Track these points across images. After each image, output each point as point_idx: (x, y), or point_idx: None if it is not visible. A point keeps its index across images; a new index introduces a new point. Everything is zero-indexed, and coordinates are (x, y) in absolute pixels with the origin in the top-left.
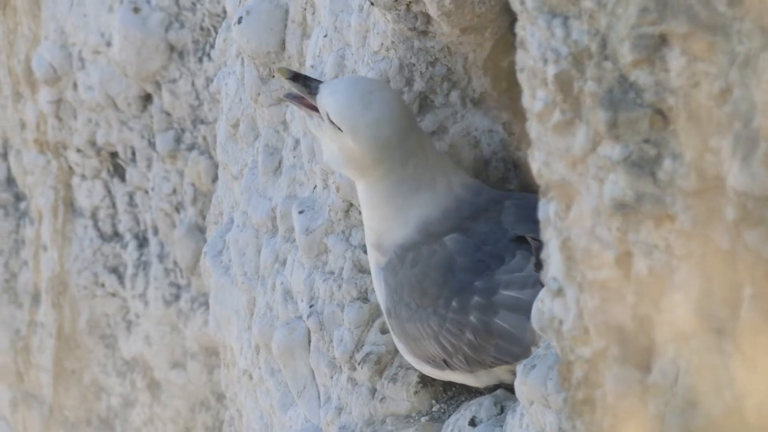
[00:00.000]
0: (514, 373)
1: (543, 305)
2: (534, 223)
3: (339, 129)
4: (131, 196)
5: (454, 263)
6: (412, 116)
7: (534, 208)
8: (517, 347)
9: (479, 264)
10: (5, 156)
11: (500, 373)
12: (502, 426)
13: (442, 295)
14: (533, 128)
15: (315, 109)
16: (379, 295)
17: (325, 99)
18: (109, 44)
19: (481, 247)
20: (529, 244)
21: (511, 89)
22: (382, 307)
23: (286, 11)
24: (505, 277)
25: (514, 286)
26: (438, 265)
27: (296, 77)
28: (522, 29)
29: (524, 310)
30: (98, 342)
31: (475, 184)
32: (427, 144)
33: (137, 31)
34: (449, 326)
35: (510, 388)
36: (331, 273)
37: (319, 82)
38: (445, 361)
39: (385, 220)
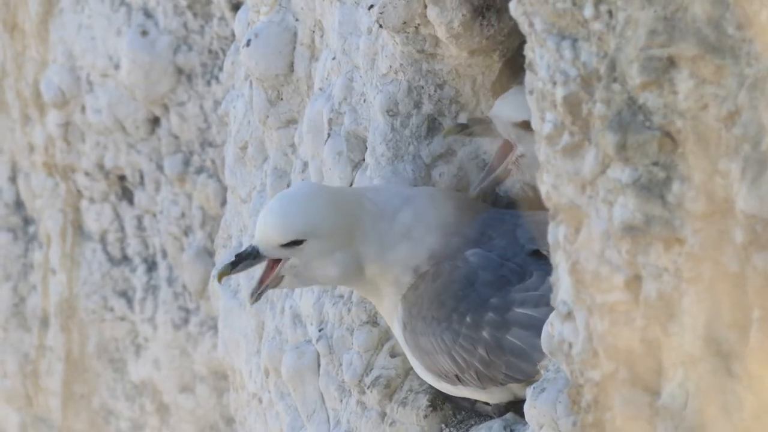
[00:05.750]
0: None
1: (553, 328)
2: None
3: (300, 242)
4: (140, 219)
5: (476, 278)
6: (328, 187)
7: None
8: (528, 364)
9: (501, 279)
10: (14, 179)
11: (514, 388)
12: None
13: (459, 309)
14: (542, 151)
15: (275, 265)
16: (394, 318)
17: (265, 241)
18: (117, 67)
19: (504, 263)
20: (545, 262)
21: None
22: (398, 327)
23: (295, 34)
24: (520, 295)
25: (529, 304)
26: (460, 279)
27: (235, 263)
28: (531, 51)
29: (537, 328)
30: (107, 366)
31: (466, 195)
32: (372, 188)
33: (145, 54)
34: (462, 342)
35: (522, 407)
36: (341, 297)
37: (249, 244)
38: (457, 376)
39: (398, 255)
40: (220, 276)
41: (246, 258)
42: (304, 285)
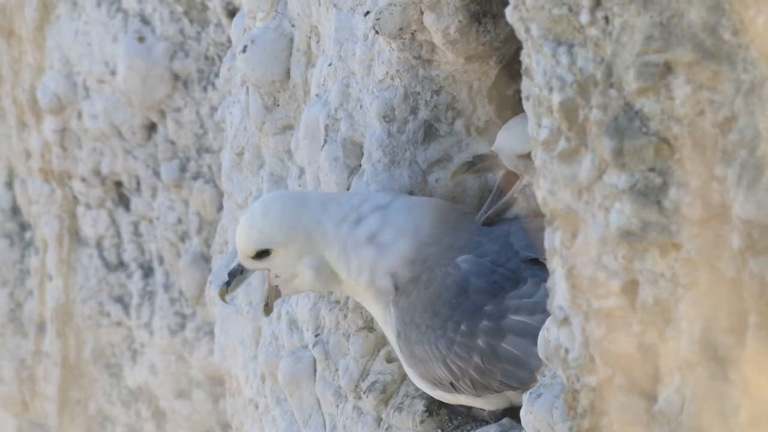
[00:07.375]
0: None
1: (549, 334)
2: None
3: (267, 252)
4: (136, 225)
5: (469, 285)
6: (291, 194)
7: (542, 231)
8: (523, 371)
9: (494, 285)
10: (10, 185)
11: (510, 394)
12: None
13: (453, 317)
14: (538, 156)
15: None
16: (388, 324)
17: (241, 256)
18: (113, 73)
19: (496, 269)
20: (539, 268)
21: None
22: (392, 334)
23: (291, 40)
24: (514, 303)
25: (524, 312)
26: (452, 286)
27: (228, 282)
28: (527, 57)
29: (533, 335)
30: (103, 371)
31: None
32: (346, 193)
33: (142, 60)
34: (457, 350)
35: (519, 413)
36: (337, 302)
37: (237, 263)
38: (452, 384)
39: (364, 259)
40: (221, 295)
41: (235, 275)
42: (299, 292)
